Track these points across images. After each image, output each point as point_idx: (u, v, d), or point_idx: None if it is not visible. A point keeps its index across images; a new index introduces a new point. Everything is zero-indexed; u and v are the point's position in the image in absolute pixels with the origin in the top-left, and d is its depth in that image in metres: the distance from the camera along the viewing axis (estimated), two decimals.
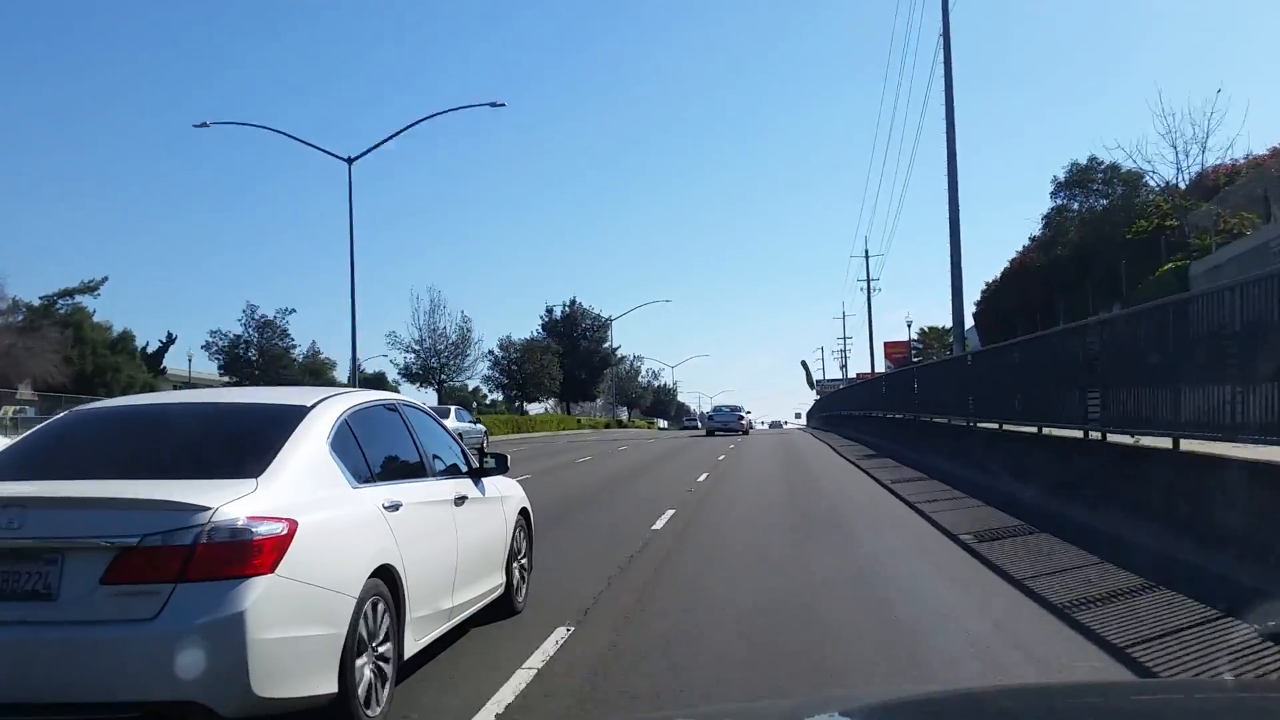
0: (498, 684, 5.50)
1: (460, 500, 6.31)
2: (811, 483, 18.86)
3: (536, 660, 5.98)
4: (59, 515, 4.13)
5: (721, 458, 27.05)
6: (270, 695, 4.11)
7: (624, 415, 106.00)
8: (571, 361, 76.97)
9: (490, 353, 70.11)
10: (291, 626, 4.22)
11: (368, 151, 37.88)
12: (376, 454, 5.51)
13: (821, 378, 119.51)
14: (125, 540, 4.03)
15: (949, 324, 66.91)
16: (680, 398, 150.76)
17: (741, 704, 4.88)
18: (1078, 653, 5.96)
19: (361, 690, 4.64)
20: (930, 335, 72.96)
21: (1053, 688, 4.03)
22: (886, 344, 71.83)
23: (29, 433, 5.53)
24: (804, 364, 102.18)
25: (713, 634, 6.66)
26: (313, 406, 5.20)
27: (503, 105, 41.82)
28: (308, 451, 4.86)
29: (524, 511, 7.77)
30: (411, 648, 5.37)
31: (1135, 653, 5.82)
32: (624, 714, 5.14)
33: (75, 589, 4.03)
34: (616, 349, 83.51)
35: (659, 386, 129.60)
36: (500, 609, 7.11)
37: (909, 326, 76.05)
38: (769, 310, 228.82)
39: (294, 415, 5.06)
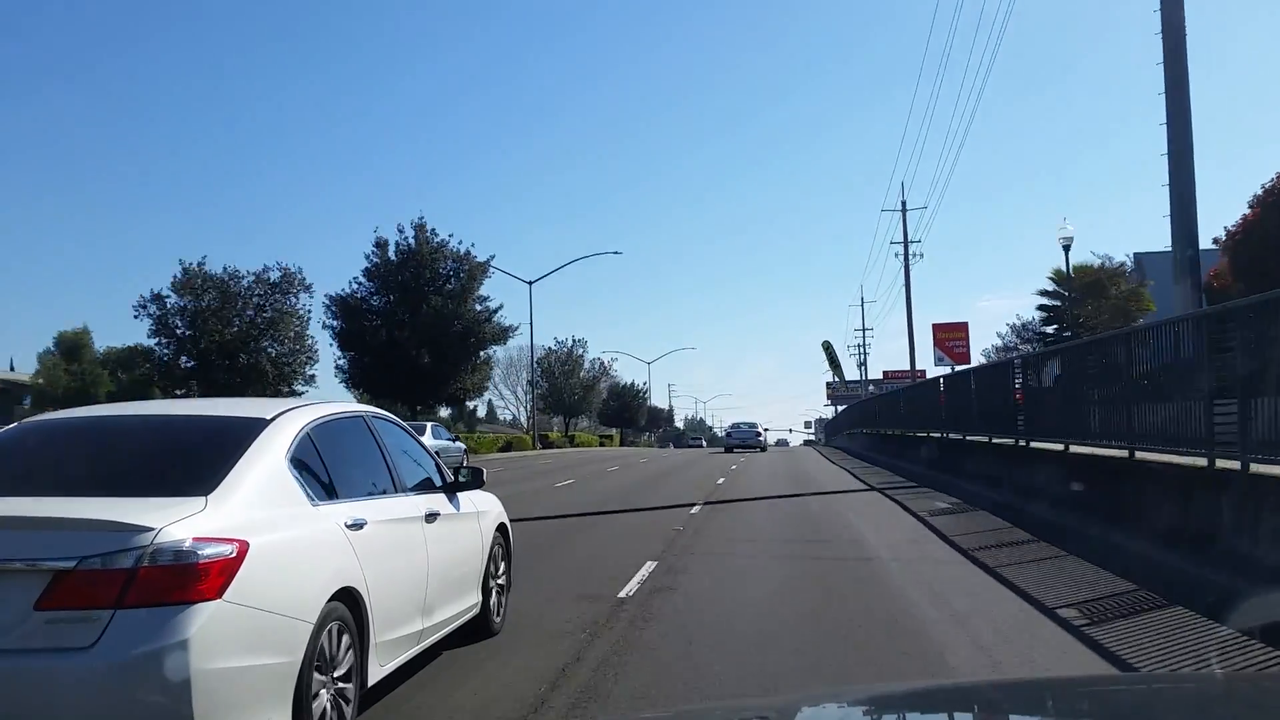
0: None
1: (432, 517, 6.04)
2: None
3: None
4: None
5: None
6: None
7: (575, 427, 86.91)
8: (420, 332, 47.80)
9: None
10: (240, 655, 3.95)
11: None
12: (341, 469, 5.25)
13: (833, 379, 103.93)
14: (61, 563, 3.76)
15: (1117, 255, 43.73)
16: (659, 402, 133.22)
17: (737, 700, 4.83)
18: None
19: None
20: (1084, 276, 40.71)
21: (1049, 681, 4.04)
22: (937, 327, 50.98)
23: (17, 425, 5.26)
24: (827, 347, 76.79)
25: None
26: (273, 419, 4.94)
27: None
28: (264, 467, 4.60)
29: (502, 528, 7.50)
30: (376, 674, 5.10)
31: None
32: (620, 715, 4.93)
33: (6, 615, 3.76)
34: (514, 328, 52.87)
35: (625, 388, 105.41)
36: (476, 630, 6.85)
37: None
38: (770, 307, 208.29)
39: (252, 428, 4.79)
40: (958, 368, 40.56)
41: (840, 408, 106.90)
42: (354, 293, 49.79)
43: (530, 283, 55.38)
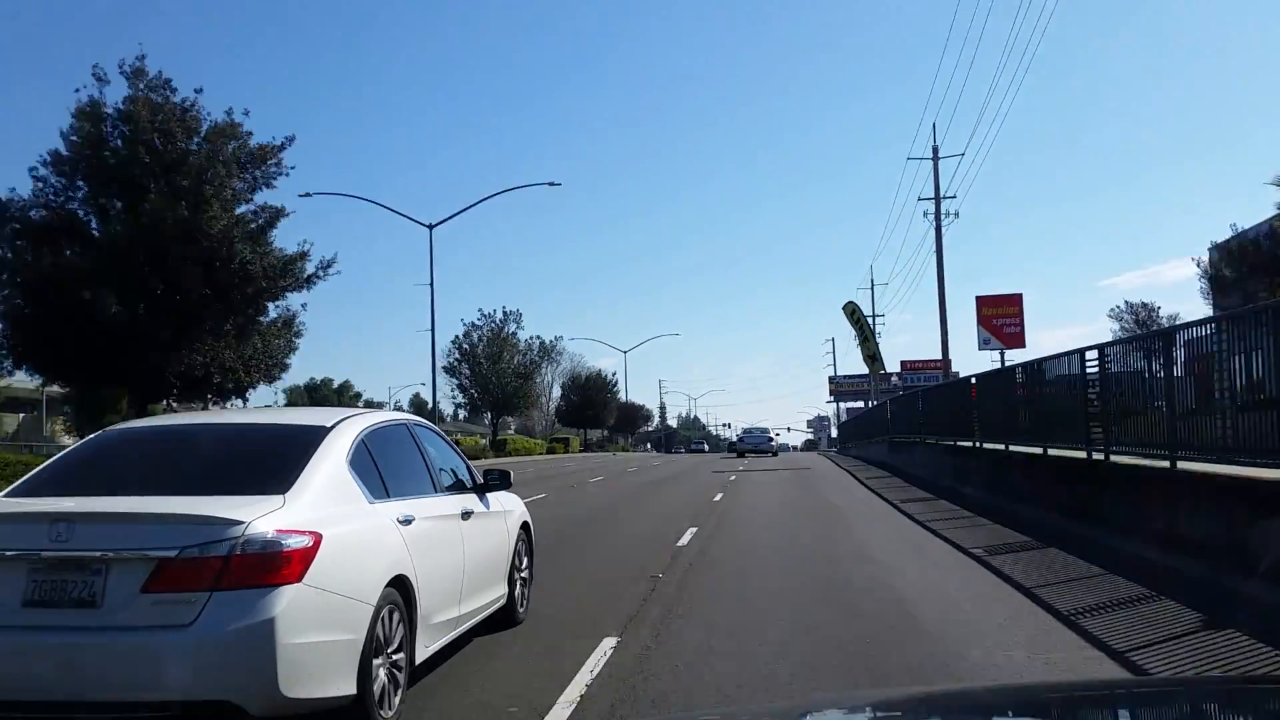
0: None
1: (467, 514, 6.66)
2: None
3: None
4: (104, 529, 4.47)
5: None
6: (296, 696, 4.45)
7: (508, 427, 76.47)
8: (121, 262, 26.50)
9: None
10: (316, 632, 4.56)
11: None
12: (390, 471, 5.86)
13: (835, 373, 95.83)
14: (165, 552, 4.37)
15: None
16: (641, 397, 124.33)
17: (754, 706, 4.89)
18: None
19: (377, 693, 4.98)
20: None
21: (1056, 686, 3.94)
22: (983, 301, 39.65)
23: (65, 451, 5.86)
24: (852, 310, 52.96)
25: None
26: (332, 427, 5.55)
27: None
28: (329, 469, 5.22)
29: (525, 526, 8.11)
30: (422, 654, 5.70)
31: None
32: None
33: (118, 597, 4.37)
34: (325, 265, 30.35)
35: (589, 378, 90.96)
36: (503, 620, 7.45)
37: None
38: (767, 296, 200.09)
39: (316, 435, 5.41)
40: (1009, 355, 34.80)
41: (846, 405, 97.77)
42: (32, 196, 27.89)
43: (430, 226, 41.17)
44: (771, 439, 57.58)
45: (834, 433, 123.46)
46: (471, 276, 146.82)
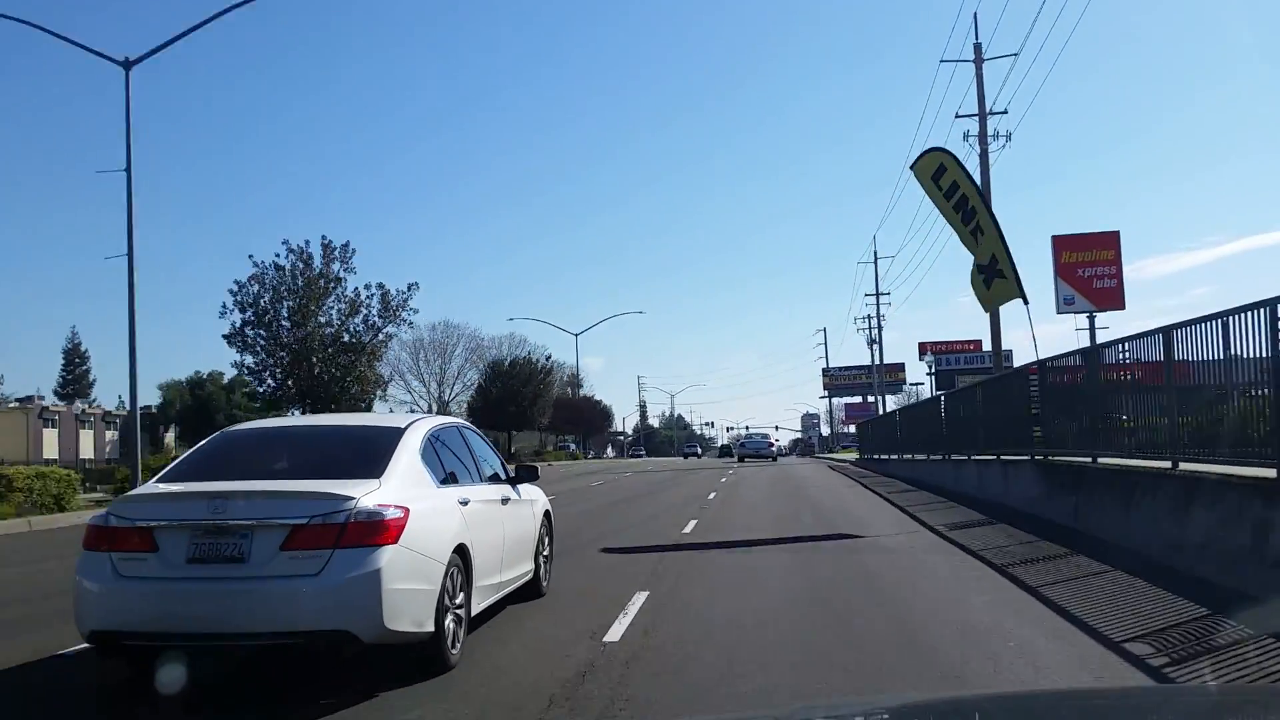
0: None
1: (505, 500, 8.12)
2: None
3: None
4: (250, 504, 5.90)
5: None
6: (394, 628, 5.88)
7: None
8: None
9: None
10: (408, 581, 6.00)
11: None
12: (449, 463, 7.31)
13: (828, 365, 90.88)
14: (298, 520, 5.81)
15: None
16: (608, 394, 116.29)
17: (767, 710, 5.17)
18: None
19: (449, 633, 6.42)
20: None
21: (1055, 694, 3.97)
22: (1061, 241, 30.00)
23: (195, 447, 7.30)
24: (938, 164, 19.13)
25: None
26: (406, 428, 7.02)
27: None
28: (407, 460, 6.67)
29: (547, 514, 9.56)
30: (475, 609, 7.14)
31: None
32: None
33: (261, 554, 5.79)
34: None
35: (516, 364, 68.77)
36: (528, 592, 8.88)
37: None
38: (752, 286, 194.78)
39: (395, 434, 6.87)
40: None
41: (844, 401, 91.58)
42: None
43: (126, 64, 25.02)
44: (771, 445, 59.14)
45: (825, 430, 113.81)
46: (451, 276, 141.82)
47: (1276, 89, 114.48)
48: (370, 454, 6.61)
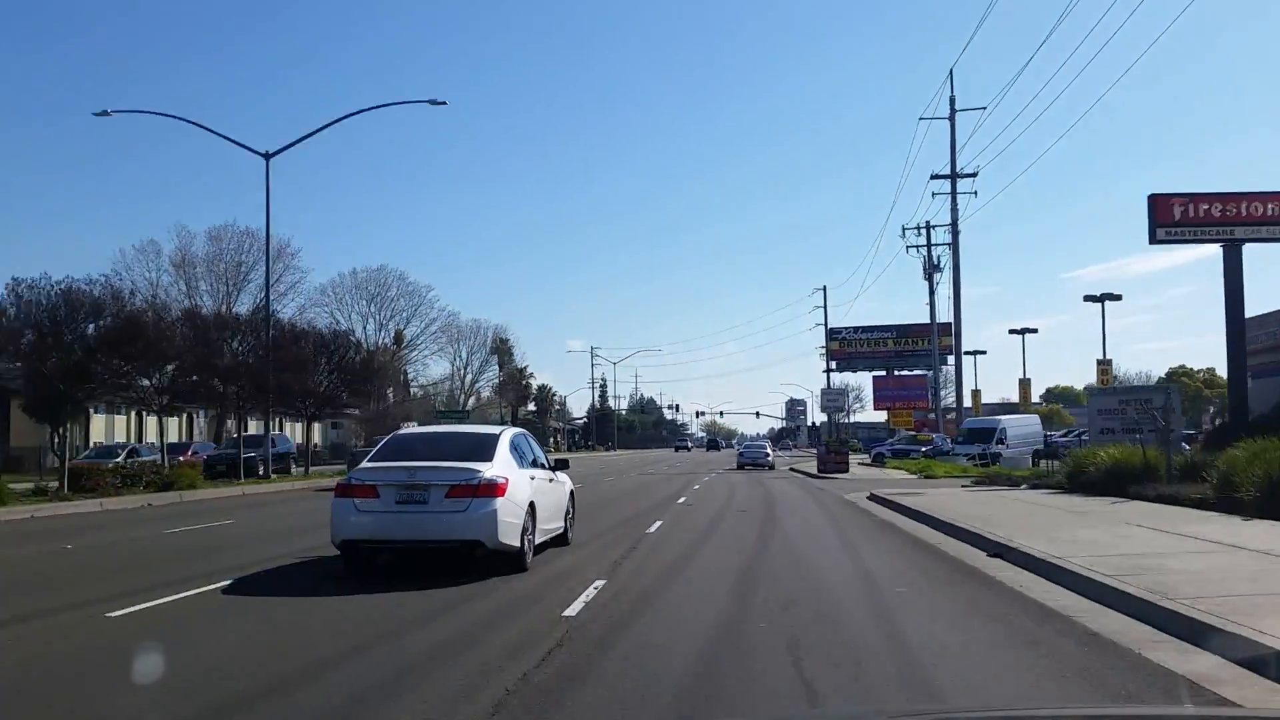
0: None
1: (550, 479, 13.31)
2: None
3: None
4: (428, 472, 11.07)
5: None
6: (503, 542, 11.06)
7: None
8: None
9: None
10: (509, 517, 11.16)
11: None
12: (521, 454, 12.50)
13: (837, 324, 75.48)
14: (454, 482, 10.98)
15: None
16: (544, 366, 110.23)
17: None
18: None
19: (527, 550, 11.58)
20: None
21: (1046, 715, 3.85)
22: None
23: (384, 442, 12.53)
24: None
25: None
26: (501, 433, 12.28)
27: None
28: (504, 450, 11.87)
29: (572, 493, 14.73)
30: (536, 541, 12.28)
31: None
32: None
33: (435, 499, 10.97)
34: None
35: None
36: (561, 541, 14.00)
37: None
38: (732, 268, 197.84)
39: (496, 437, 12.10)
40: None
41: (867, 374, 76.08)
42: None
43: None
44: (768, 454, 59.06)
45: (815, 419, 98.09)
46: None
47: (1262, 85, 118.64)
48: (484, 447, 11.81)
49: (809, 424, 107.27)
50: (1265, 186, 25.35)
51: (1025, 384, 59.29)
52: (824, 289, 79.44)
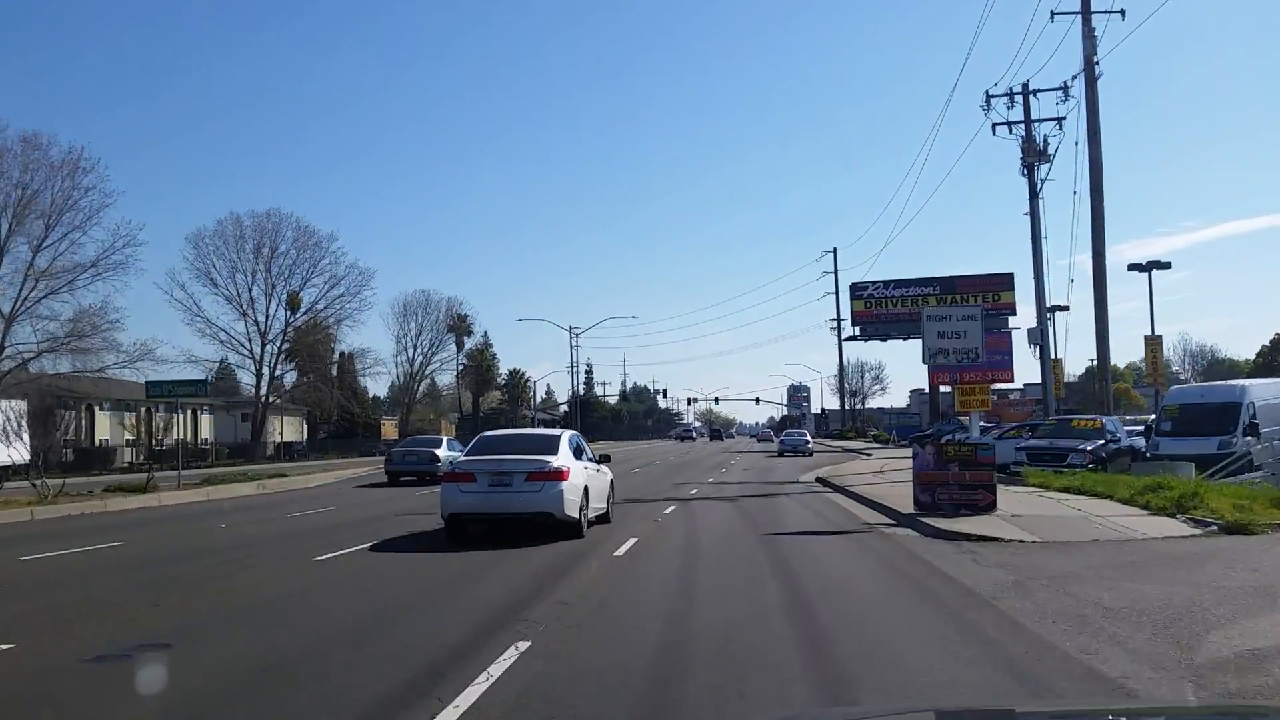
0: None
1: (597, 470, 17.38)
2: None
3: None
4: (512, 462, 15.15)
5: None
6: (567, 514, 15.13)
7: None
8: None
9: None
10: (571, 495, 15.22)
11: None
12: (578, 450, 16.55)
13: (847, 315, 62.05)
14: (531, 470, 15.05)
15: None
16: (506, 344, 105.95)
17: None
18: None
19: (584, 521, 15.62)
20: None
21: (1047, 713, 3.91)
22: None
23: (475, 442, 16.67)
24: None
25: None
26: (561, 433, 16.42)
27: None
28: (565, 446, 15.95)
29: (612, 482, 18.75)
30: (589, 517, 16.28)
31: None
32: None
33: (518, 483, 15.04)
34: None
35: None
36: (604, 520, 17.96)
37: None
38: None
39: (558, 436, 16.25)
40: None
41: (894, 342, 57.18)
42: None
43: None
44: (808, 441, 59.22)
45: (819, 405, 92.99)
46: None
47: (1255, 76, 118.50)
48: (550, 444, 15.92)
49: (816, 410, 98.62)
50: None
51: (1155, 343, 40.38)
52: (834, 251, 72.21)
